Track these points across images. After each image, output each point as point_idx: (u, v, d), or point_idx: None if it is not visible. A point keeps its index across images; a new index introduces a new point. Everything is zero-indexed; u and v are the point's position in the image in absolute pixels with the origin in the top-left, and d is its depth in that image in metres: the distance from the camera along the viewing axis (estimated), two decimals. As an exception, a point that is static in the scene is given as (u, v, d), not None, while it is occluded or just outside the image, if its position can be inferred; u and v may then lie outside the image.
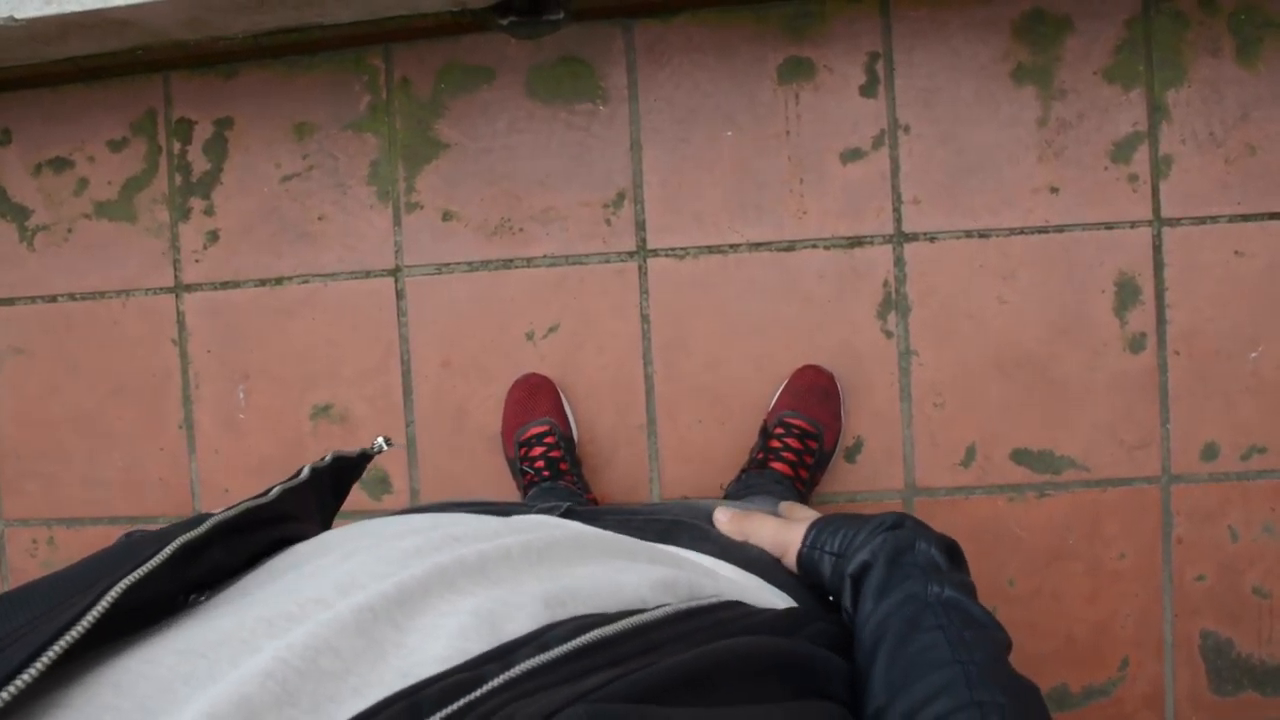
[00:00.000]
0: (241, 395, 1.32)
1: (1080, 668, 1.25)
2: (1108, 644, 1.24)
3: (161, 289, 1.33)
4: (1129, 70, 1.21)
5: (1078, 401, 1.23)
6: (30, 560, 1.37)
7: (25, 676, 0.22)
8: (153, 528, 0.44)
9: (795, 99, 1.24)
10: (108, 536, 1.35)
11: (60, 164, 1.34)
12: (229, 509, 0.34)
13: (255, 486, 1.42)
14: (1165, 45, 1.21)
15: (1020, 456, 1.24)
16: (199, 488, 1.33)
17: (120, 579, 0.27)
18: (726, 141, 1.25)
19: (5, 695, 0.22)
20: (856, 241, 1.24)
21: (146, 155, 1.33)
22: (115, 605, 0.26)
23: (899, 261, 1.24)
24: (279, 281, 1.31)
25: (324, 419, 1.31)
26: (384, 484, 1.31)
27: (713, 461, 1.26)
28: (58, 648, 0.23)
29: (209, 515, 0.33)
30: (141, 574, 0.28)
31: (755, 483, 1.15)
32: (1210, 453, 1.22)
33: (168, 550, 0.30)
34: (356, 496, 1.30)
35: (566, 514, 0.55)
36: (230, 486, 1.33)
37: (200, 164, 1.32)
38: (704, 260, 1.26)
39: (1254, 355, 1.22)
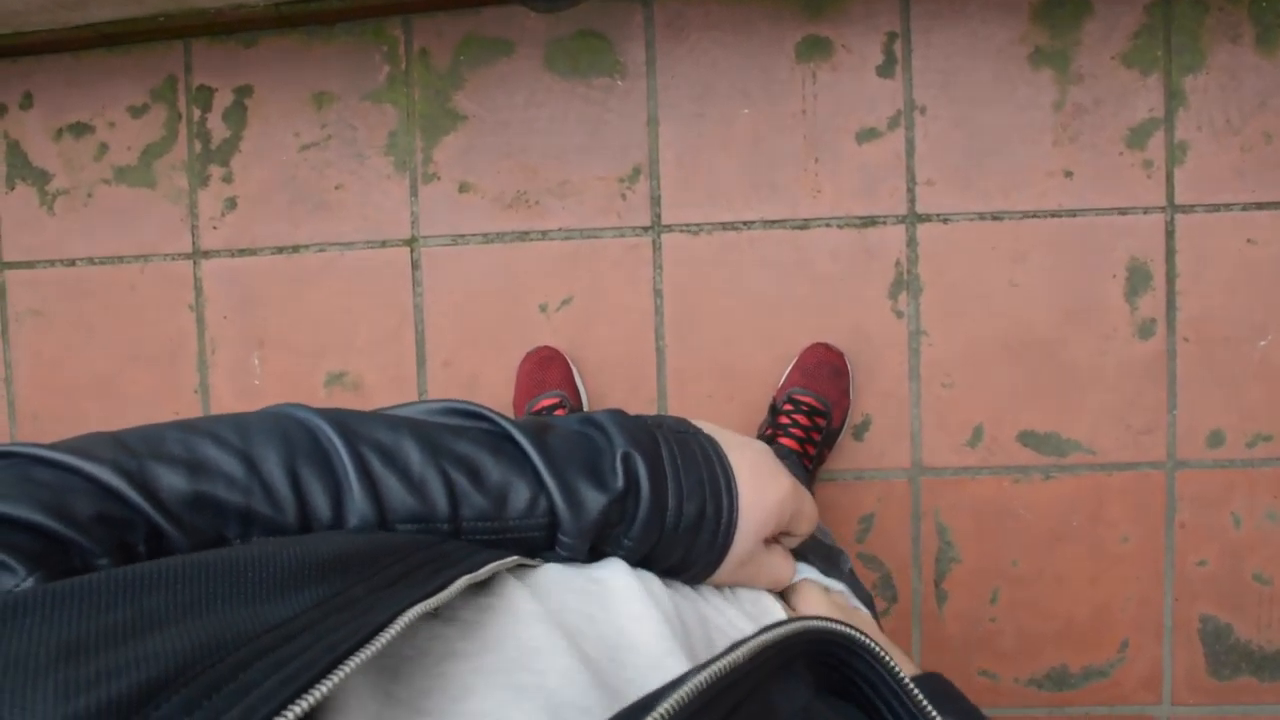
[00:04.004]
0: (257, 362, 1.33)
1: (1080, 648, 1.26)
2: (1108, 626, 1.26)
3: (179, 255, 1.34)
4: (1147, 55, 1.21)
5: (1086, 385, 1.24)
6: (47, 520, 1.39)
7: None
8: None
9: (812, 77, 1.24)
10: (124, 498, 1.37)
11: (81, 129, 1.35)
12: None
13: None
14: (1185, 31, 1.21)
15: (1027, 438, 1.25)
16: (214, 452, 1.35)
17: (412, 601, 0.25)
18: (743, 119, 1.25)
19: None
20: (870, 221, 1.25)
21: (166, 122, 1.33)
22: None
23: (912, 242, 1.25)
24: (296, 250, 1.32)
25: (338, 386, 1.32)
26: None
27: (722, 436, 1.27)
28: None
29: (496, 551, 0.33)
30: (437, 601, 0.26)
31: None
32: (1216, 439, 1.23)
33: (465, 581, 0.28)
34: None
35: None
36: (245, 451, 1.34)
37: (220, 131, 1.33)
38: (718, 237, 1.26)
39: (1263, 343, 1.22)
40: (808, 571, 0.47)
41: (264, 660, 0.20)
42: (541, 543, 0.36)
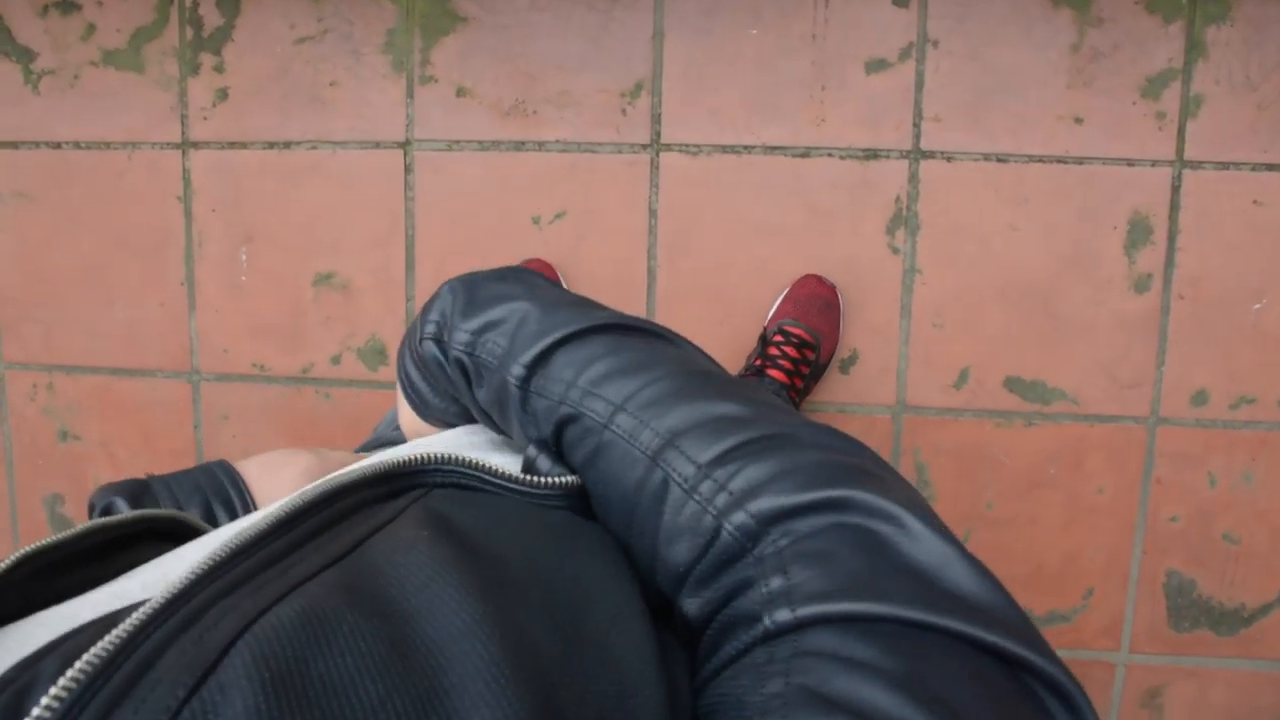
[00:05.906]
0: (244, 257, 1.32)
1: (1046, 593, 1.28)
2: (1075, 573, 1.27)
3: (168, 144, 1.31)
4: (1172, 2, 1.18)
5: (1076, 336, 1.23)
6: (30, 404, 1.38)
7: None
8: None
9: (825, 1, 1.21)
10: (106, 386, 1.37)
11: (68, 6, 1.31)
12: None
13: (254, 349, 1.41)
14: (1212, -22, 1.17)
15: (1013, 384, 1.24)
16: (197, 345, 1.34)
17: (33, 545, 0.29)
18: (750, 39, 1.22)
19: None
20: (872, 154, 1.23)
21: (157, 5, 1.29)
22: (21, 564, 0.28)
23: (913, 178, 1.23)
24: (287, 145, 1.29)
25: (325, 287, 1.31)
26: (381, 355, 1.31)
27: (707, 360, 1.26)
28: None
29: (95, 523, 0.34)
30: (50, 542, 0.29)
31: (750, 389, 1.15)
32: (1200, 398, 1.23)
33: (83, 528, 0.31)
34: (353, 367, 1.31)
35: None
36: (229, 347, 1.33)
37: (212, 18, 1.28)
38: (717, 159, 1.24)
39: (1258, 306, 1.22)
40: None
41: None
42: None
